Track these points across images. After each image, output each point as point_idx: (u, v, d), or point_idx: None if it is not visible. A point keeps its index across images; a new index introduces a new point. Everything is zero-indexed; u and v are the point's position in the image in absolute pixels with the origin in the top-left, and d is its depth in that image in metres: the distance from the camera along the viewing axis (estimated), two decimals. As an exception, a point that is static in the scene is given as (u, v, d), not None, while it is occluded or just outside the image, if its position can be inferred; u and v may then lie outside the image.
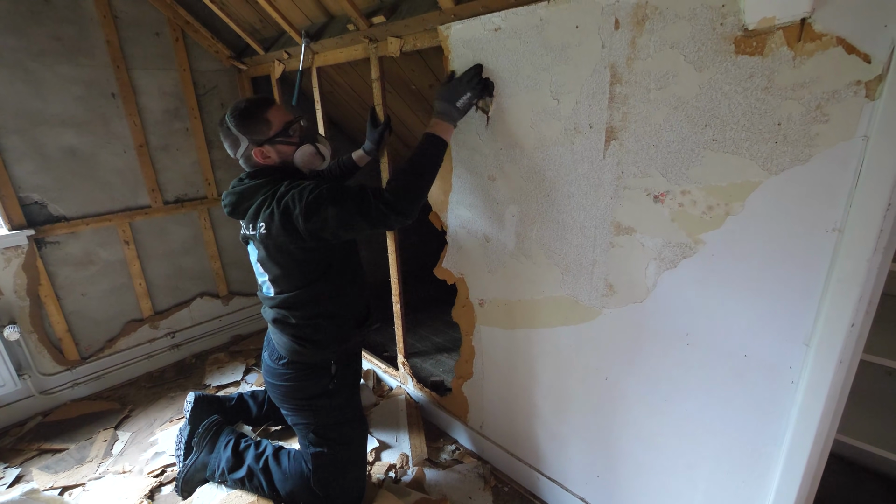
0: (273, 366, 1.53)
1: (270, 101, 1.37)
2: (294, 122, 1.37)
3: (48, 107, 2.04)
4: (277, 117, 1.35)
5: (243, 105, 1.34)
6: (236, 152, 1.38)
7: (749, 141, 0.88)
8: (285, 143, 1.36)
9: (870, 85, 0.74)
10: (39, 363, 2.19)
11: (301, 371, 1.49)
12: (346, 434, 1.54)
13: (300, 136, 1.39)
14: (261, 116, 1.33)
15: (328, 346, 1.48)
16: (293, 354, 1.47)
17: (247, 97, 1.35)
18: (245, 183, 1.37)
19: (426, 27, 1.44)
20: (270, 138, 1.33)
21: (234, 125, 1.33)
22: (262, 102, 1.35)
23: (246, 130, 1.33)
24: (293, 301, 1.42)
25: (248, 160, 1.38)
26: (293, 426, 1.59)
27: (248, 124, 1.32)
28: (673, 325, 1.09)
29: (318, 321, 1.44)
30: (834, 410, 0.92)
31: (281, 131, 1.34)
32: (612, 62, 1.03)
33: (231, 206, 1.39)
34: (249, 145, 1.34)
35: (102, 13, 2.10)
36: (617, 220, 1.13)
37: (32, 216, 2.08)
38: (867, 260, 0.80)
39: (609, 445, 1.34)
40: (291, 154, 1.38)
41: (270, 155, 1.36)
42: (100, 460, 1.90)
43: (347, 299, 1.49)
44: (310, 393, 1.51)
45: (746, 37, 0.84)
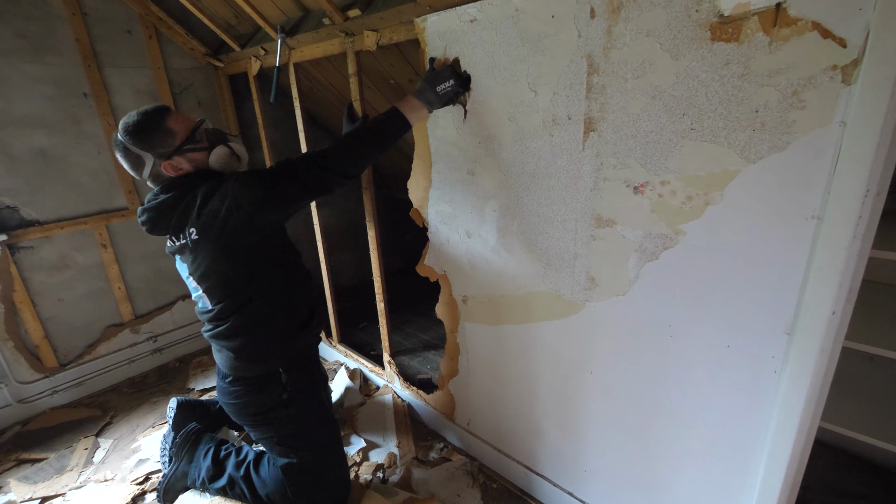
0: (222, 384, 1.49)
1: (166, 108, 1.27)
2: (199, 126, 1.28)
3: (15, 107, 1.97)
4: (180, 124, 1.25)
5: (136, 118, 1.22)
6: (142, 172, 1.25)
7: (727, 129, 0.86)
8: (195, 149, 1.26)
9: (846, 70, 0.73)
10: (16, 371, 2.13)
11: (249, 386, 1.43)
12: (312, 441, 1.49)
13: (210, 139, 1.30)
14: (161, 127, 1.22)
15: (270, 354, 1.41)
16: (236, 371, 1.42)
17: (138, 109, 1.24)
18: (162, 196, 1.27)
19: (402, 20, 1.41)
20: (178, 148, 1.23)
21: (131, 142, 1.20)
22: (158, 112, 1.24)
23: (147, 145, 1.21)
24: (228, 308, 1.34)
25: (158, 177, 1.27)
26: (257, 441, 1.55)
27: (147, 138, 1.21)
28: (656, 317, 1.08)
29: (255, 327, 1.37)
30: (817, 398, 0.92)
31: (187, 138, 1.24)
32: (589, 52, 1.01)
33: (150, 223, 1.30)
34: (156, 161, 1.23)
35: (70, 10, 2.04)
36: (597, 212, 1.11)
37: (4, 221, 2.01)
38: (846, 247, 0.79)
39: (595, 440, 1.33)
40: (205, 160, 1.29)
41: (182, 165, 1.26)
42: (80, 469, 1.86)
43: (287, 298, 1.41)
44: (263, 407, 1.45)
45: (722, 23, 0.82)
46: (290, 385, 1.46)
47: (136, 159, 1.23)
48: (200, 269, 1.31)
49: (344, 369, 2.30)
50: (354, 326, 2.75)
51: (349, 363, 2.38)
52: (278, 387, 1.45)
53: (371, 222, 1.89)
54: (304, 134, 2.04)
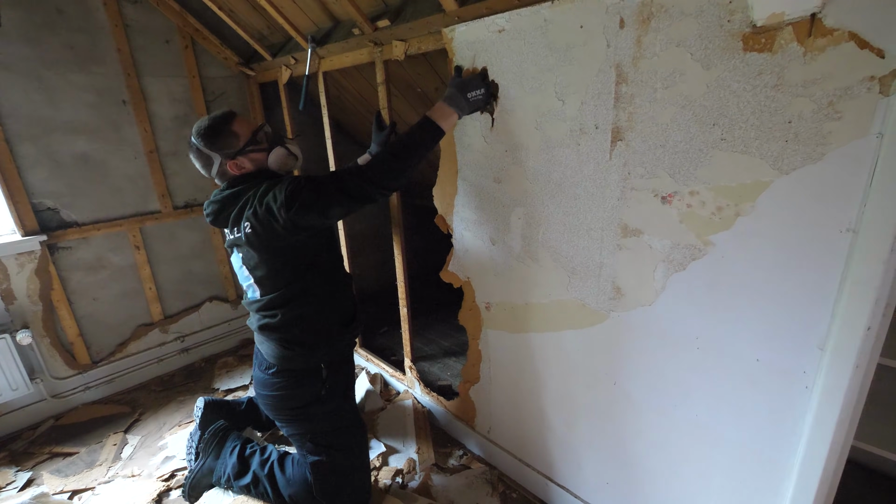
0: (263, 376, 1.52)
1: (232, 113, 1.40)
2: (260, 129, 1.40)
3: (60, 114, 2.08)
4: (243, 128, 1.38)
5: (207, 123, 1.36)
6: (211, 171, 1.39)
7: (759, 140, 0.86)
8: (256, 150, 1.39)
9: (884, 80, 0.72)
10: (52, 367, 2.22)
11: (291, 378, 1.48)
12: (343, 440, 1.53)
13: (269, 141, 1.42)
14: (227, 130, 1.36)
15: (317, 348, 1.47)
16: (282, 361, 1.46)
17: (207, 115, 1.41)
18: (226, 192, 1.39)
19: (430, 30, 1.44)
20: (241, 149, 1.36)
21: (203, 144, 1.35)
22: (225, 117, 1.38)
23: (216, 147, 1.35)
24: (279, 300, 1.42)
25: (224, 175, 1.40)
26: (289, 437, 1.59)
27: (216, 141, 1.35)
28: (682, 329, 1.07)
29: (305, 321, 1.44)
30: (850, 416, 0.90)
31: (250, 140, 1.37)
32: (618, 62, 1.02)
33: (213, 215, 1.42)
34: (223, 160, 1.36)
35: (114, 22, 2.14)
36: (624, 221, 1.11)
37: (45, 222, 2.11)
38: (883, 261, 0.77)
39: (619, 452, 1.32)
40: (265, 160, 1.41)
41: (245, 165, 1.38)
42: (109, 464, 1.92)
43: (333, 297, 1.49)
44: (302, 401, 1.50)
45: (755, 33, 0.82)
46: (329, 381, 1.51)
47: (206, 159, 1.37)
48: (252, 261, 1.40)
49: (365, 374, 2.32)
50: (376, 331, 2.78)
51: (370, 368, 2.40)
52: (318, 382, 1.50)
53: (397, 229, 1.92)
54: (331, 140, 2.09)
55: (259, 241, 1.33)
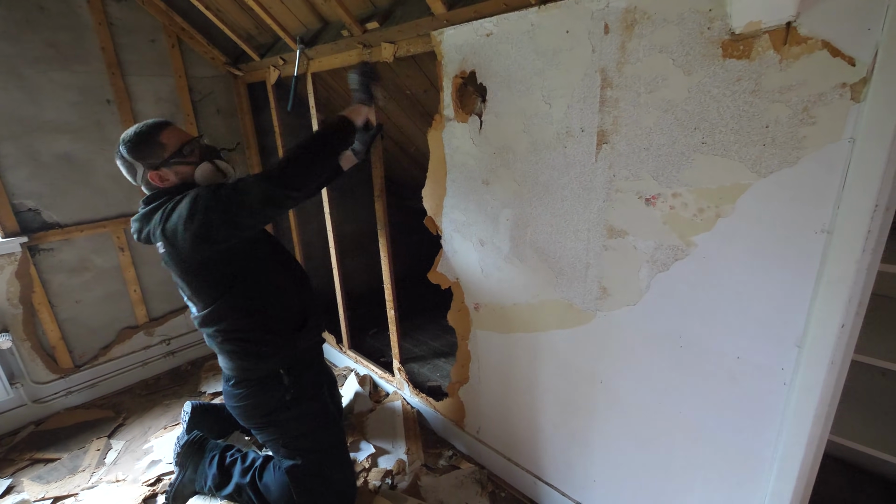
0: (227, 388, 1.51)
1: (165, 123, 1.36)
2: (190, 142, 1.35)
3: (43, 113, 2.04)
4: (172, 138, 1.33)
5: (134, 130, 1.32)
6: (134, 178, 1.35)
7: (738, 144, 0.89)
8: (182, 163, 1.34)
9: (855, 87, 0.75)
10: (32, 371, 2.17)
11: (252, 387, 1.47)
12: (316, 442, 1.51)
13: (200, 155, 1.37)
14: (154, 140, 1.31)
15: (267, 356, 1.45)
16: (238, 372, 1.45)
17: (141, 122, 1.35)
18: (144, 208, 1.36)
19: (419, 33, 1.45)
20: (165, 160, 1.32)
21: (126, 151, 1.31)
22: (155, 126, 1.34)
23: (139, 155, 1.31)
24: (213, 316, 1.39)
25: (148, 184, 1.36)
26: (264, 444, 1.57)
27: (140, 149, 1.31)
28: (666, 328, 1.09)
29: (244, 333, 1.41)
30: (827, 411, 0.93)
31: (176, 152, 1.32)
32: (603, 66, 1.04)
33: (137, 233, 1.37)
34: (145, 170, 1.32)
35: (98, 20, 2.11)
36: (610, 222, 1.13)
37: (26, 223, 2.07)
38: (856, 261, 0.80)
39: (605, 449, 1.34)
40: (191, 174, 1.36)
41: (168, 177, 1.34)
42: (93, 470, 1.88)
43: (271, 306, 1.44)
44: (267, 408, 1.48)
45: (733, 41, 0.85)
46: (292, 386, 1.49)
47: (129, 166, 1.33)
48: (178, 278, 1.37)
49: (354, 375, 2.32)
50: (365, 333, 2.77)
51: (359, 369, 2.40)
52: (281, 388, 1.48)
53: (383, 230, 1.92)
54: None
55: (173, 259, 1.30)
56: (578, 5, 1.05)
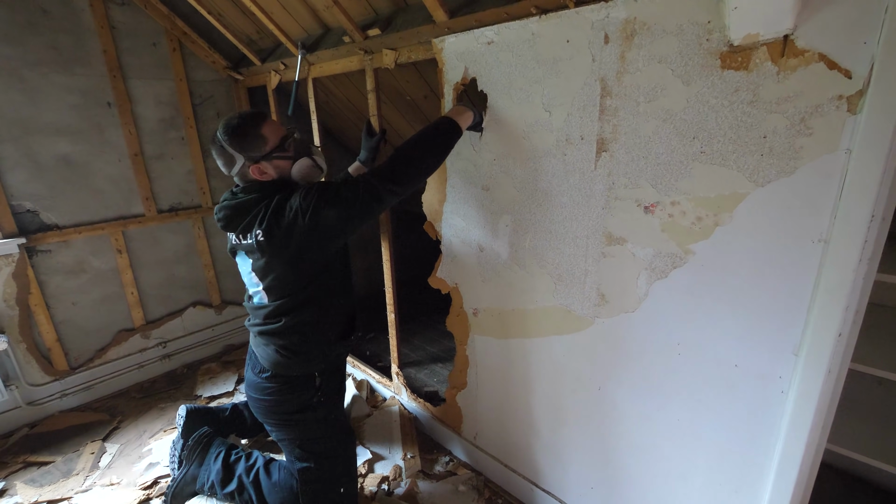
0: (257, 380, 1.50)
1: (264, 115, 1.35)
2: (289, 136, 1.35)
3: (43, 115, 2.04)
4: (273, 132, 1.32)
5: (236, 121, 1.30)
6: (231, 169, 1.34)
7: (736, 153, 0.90)
8: (282, 157, 1.33)
9: (851, 99, 0.76)
10: (27, 373, 2.16)
11: (285, 384, 1.46)
12: (332, 447, 1.51)
13: (296, 150, 1.37)
14: (256, 132, 1.29)
15: (313, 357, 1.46)
16: (277, 367, 1.45)
17: (239, 112, 1.34)
18: (239, 197, 1.35)
19: (421, 40, 1.46)
20: (267, 154, 1.30)
21: (228, 143, 1.29)
22: (256, 118, 1.32)
23: (241, 147, 1.29)
24: (285, 307, 1.39)
25: (244, 177, 1.35)
26: (278, 442, 1.57)
27: (242, 141, 1.29)
28: (664, 335, 1.10)
29: (306, 329, 1.42)
30: (824, 419, 0.93)
31: (277, 146, 1.31)
32: (603, 76, 1.05)
33: (225, 220, 1.38)
34: (246, 162, 1.31)
35: (100, 24, 2.12)
36: (608, 230, 1.14)
37: (24, 224, 2.07)
38: (853, 270, 0.81)
39: (603, 456, 1.34)
40: (289, 168, 1.35)
41: (267, 171, 1.33)
42: (87, 473, 1.87)
43: (337, 307, 1.47)
44: (294, 407, 1.48)
45: (732, 52, 0.86)
46: (321, 389, 1.50)
47: (229, 158, 1.31)
48: (263, 268, 1.36)
49: (351, 380, 2.31)
50: (362, 337, 2.76)
51: (356, 374, 2.39)
52: (311, 389, 1.48)
53: (385, 234, 1.93)
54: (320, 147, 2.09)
55: (272, 248, 1.29)
56: (579, 15, 1.06)
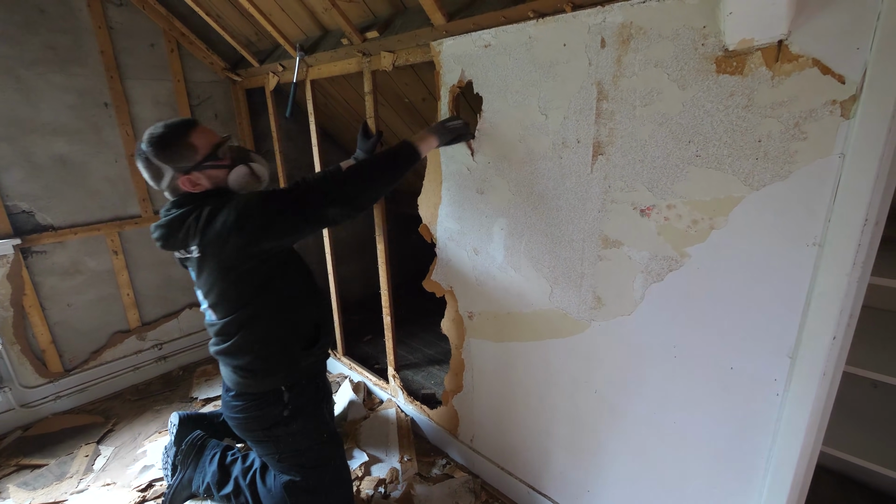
0: (226, 398, 1.48)
1: (192, 122, 1.27)
2: (223, 143, 1.28)
3: (39, 115, 2.04)
4: (203, 140, 1.24)
5: (161, 131, 1.22)
6: (160, 183, 1.26)
7: (731, 157, 0.90)
8: (215, 166, 1.26)
9: (845, 104, 0.76)
10: (21, 375, 2.14)
11: (251, 402, 1.42)
12: (315, 458, 1.47)
13: (232, 158, 1.30)
14: (183, 142, 1.22)
15: (271, 373, 1.41)
16: (239, 386, 1.42)
17: (164, 121, 1.24)
18: (171, 213, 1.28)
19: (418, 43, 1.47)
20: (198, 164, 1.23)
21: (153, 154, 1.21)
22: (182, 126, 1.24)
23: (167, 158, 1.21)
24: (231, 325, 1.35)
25: (175, 190, 1.27)
26: (262, 458, 1.54)
27: (169, 152, 1.21)
28: (660, 338, 1.10)
29: (257, 345, 1.36)
30: (819, 422, 0.93)
31: (209, 155, 1.24)
32: (599, 79, 1.06)
33: (162, 240, 1.30)
34: (175, 174, 1.23)
35: (98, 24, 2.11)
36: (604, 233, 1.14)
37: (19, 225, 2.06)
38: (847, 274, 0.81)
39: (599, 459, 1.34)
40: (224, 178, 1.29)
41: (200, 181, 1.25)
42: (80, 476, 1.86)
43: (290, 320, 1.40)
44: (264, 423, 1.43)
45: (727, 57, 0.87)
46: (291, 403, 1.44)
47: (156, 171, 1.23)
48: (205, 284, 1.32)
49: (348, 382, 2.31)
50: (359, 339, 2.76)
51: (353, 376, 2.38)
52: (279, 405, 1.43)
53: (380, 237, 1.93)
54: (317, 148, 2.09)
55: (208, 263, 1.25)
56: (576, 19, 1.06)
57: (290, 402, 1.44)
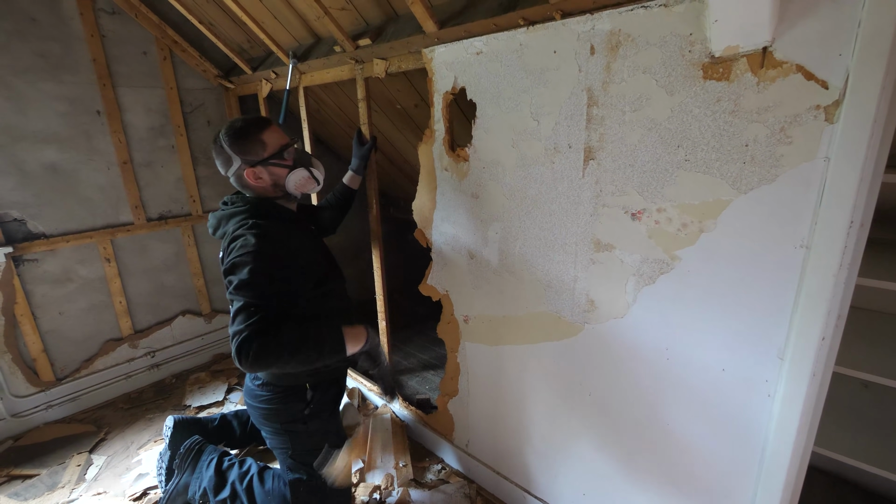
0: (251, 386, 1.50)
1: (267, 121, 1.36)
2: (289, 145, 1.37)
3: (30, 123, 2.02)
4: (273, 139, 1.34)
5: (240, 124, 1.33)
6: (227, 170, 1.36)
7: (719, 161, 0.91)
8: (279, 165, 1.35)
9: (828, 109, 0.78)
10: (12, 384, 2.11)
11: (277, 394, 1.45)
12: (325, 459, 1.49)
13: (294, 159, 1.39)
14: (256, 137, 1.32)
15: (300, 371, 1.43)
16: (267, 375, 1.45)
17: (244, 116, 1.36)
18: (227, 208, 1.37)
19: (411, 50, 1.48)
20: (264, 159, 1.32)
21: (227, 144, 1.31)
22: (259, 123, 1.34)
23: (239, 150, 1.31)
24: None
25: (240, 179, 1.36)
26: (273, 450, 1.56)
27: (242, 144, 1.31)
28: (653, 340, 1.11)
29: None
30: (810, 422, 0.94)
31: (276, 153, 1.33)
32: (589, 86, 1.07)
33: (213, 229, 1.40)
34: (242, 165, 1.32)
35: (90, 32, 2.11)
36: (597, 236, 1.15)
37: (11, 233, 2.04)
38: (833, 275, 0.83)
39: (595, 462, 1.34)
40: (284, 176, 1.37)
41: (262, 176, 1.34)
42: (72, 486, 1.83)
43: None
44: (286, 417, 1.46)
45: (713, 63, 0.88)
46: (313, 402, 1.48)
47: (226, 158, 1.33)
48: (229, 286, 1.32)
49: (342, 388, 2.30)
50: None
51: (348, 381, 2.37)
52: (302, 401, 1.46)
53: (376, 242, 1.93)
54: (310, 153, 2.09)
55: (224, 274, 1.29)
56: (565, 27, 1.08)
57: (313, 401, 1.48)
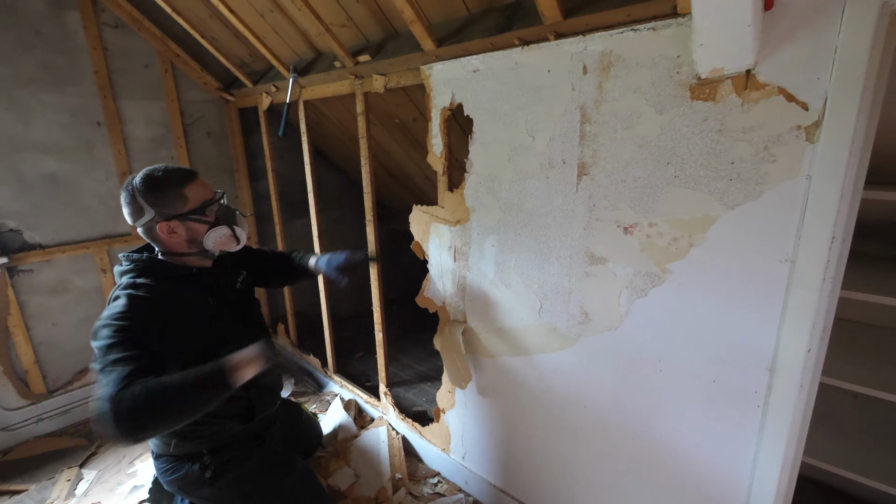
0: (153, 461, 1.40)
1: (193, 175, 1.26)
2: (213, 202, 1.27)
3: (31, 133, 2.04)
4: (196, 193, 1.23)
5: (160, 174, 1.20)
6: (136, 220, 1.20)
7: (707, 178, 0.95)
8: (199, 221, 1.24)
9: (809, 130, 0.82)
10: (2, 397, 2.09)
11: (168, 464, 1.33)
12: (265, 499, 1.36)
13: (217, 216, 1.28)
14: (177, 192, 1.20)
15: (191, 438, 1.31)
16: (157, 447, 1.35)
17: (166, 165, 1.24)
18: (123, 265, 1.23)
19: (409, 66, 1.52)
20: (183, 214, 1.21)
21: (141, 194, 1.17)
22: (182, 175, 1.23)
23: (155, 202, 1.18)
24: None
25: (150, 231, 1.22)
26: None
27: (159, 196, 1.18)
28: (646, 352, 1.13)
29: None
30: (799, 432, 0.96)
31: (196, 209, 1.22)
32: (582, 104, 1.11)
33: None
34: (155, 217, 1.19)
35: (93, 45, 2.14)
36: (591, 250, 1.18)
37: (6, 244, 2.04)
38: (817, 289, 0.86)
39: (590, 474, 1.35)
40: (203, 233, 1.25)
41: (177, 231, 1.22)
42: (62, 501, 1.81)
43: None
44: (189, 487, 1.34)
45: (700, 84, 0.92)
46: (213, 464, 1.33)
47: (137, 209, 1.19)
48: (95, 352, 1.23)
49: (339, 400, 2.29)
50: (350, 356, 2.75)
51: (344, 394, 2.37)
52: (199, 466, 1.32)
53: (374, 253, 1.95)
54: (310, 165, 2.12)
55: None
56: (559, 47, 1.12)
57: (212, 464, 1.33)
